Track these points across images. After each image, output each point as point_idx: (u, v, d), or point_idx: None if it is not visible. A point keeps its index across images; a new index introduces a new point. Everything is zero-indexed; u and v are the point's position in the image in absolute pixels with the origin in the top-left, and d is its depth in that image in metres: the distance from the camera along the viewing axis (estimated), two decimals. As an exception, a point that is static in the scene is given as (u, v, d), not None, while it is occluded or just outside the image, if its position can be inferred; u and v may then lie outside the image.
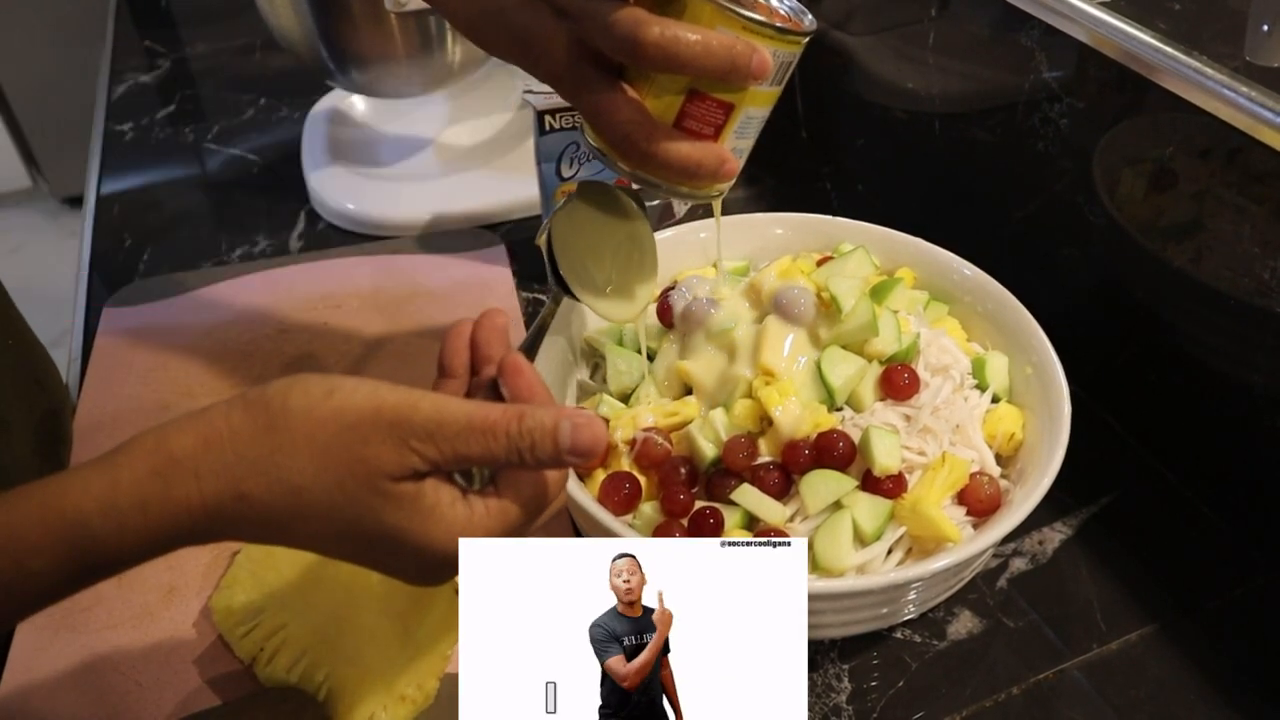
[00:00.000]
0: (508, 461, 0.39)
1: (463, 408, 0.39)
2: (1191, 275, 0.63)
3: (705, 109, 0.48)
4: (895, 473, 0.56)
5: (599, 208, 0.57)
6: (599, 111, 0.48)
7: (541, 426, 0.39)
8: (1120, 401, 0.71)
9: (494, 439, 0.38)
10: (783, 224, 0.74)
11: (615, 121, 0.48)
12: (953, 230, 0.72)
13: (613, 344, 0.67)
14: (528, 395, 0.41)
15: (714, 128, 0.49)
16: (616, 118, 0.48)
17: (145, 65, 1.20)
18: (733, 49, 0.45)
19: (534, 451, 0.39)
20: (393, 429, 0.38)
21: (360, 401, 0.38)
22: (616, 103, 0.48)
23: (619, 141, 0.49)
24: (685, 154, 0.49)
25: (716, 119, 0.49)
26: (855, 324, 0.60)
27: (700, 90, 0.48)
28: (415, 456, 0.38)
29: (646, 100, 0.48)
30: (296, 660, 0.54)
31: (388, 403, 0.38)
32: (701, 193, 0.53)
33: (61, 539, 0.37)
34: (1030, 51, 0.69)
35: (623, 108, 0.48)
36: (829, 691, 0.56)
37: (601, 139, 0.50)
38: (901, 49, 0.84)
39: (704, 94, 0.48)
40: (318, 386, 0.39)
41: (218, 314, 0.80)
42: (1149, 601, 0.60)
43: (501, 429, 0.38)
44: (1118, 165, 0.66)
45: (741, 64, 0.46)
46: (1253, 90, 0.54)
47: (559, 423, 0.39)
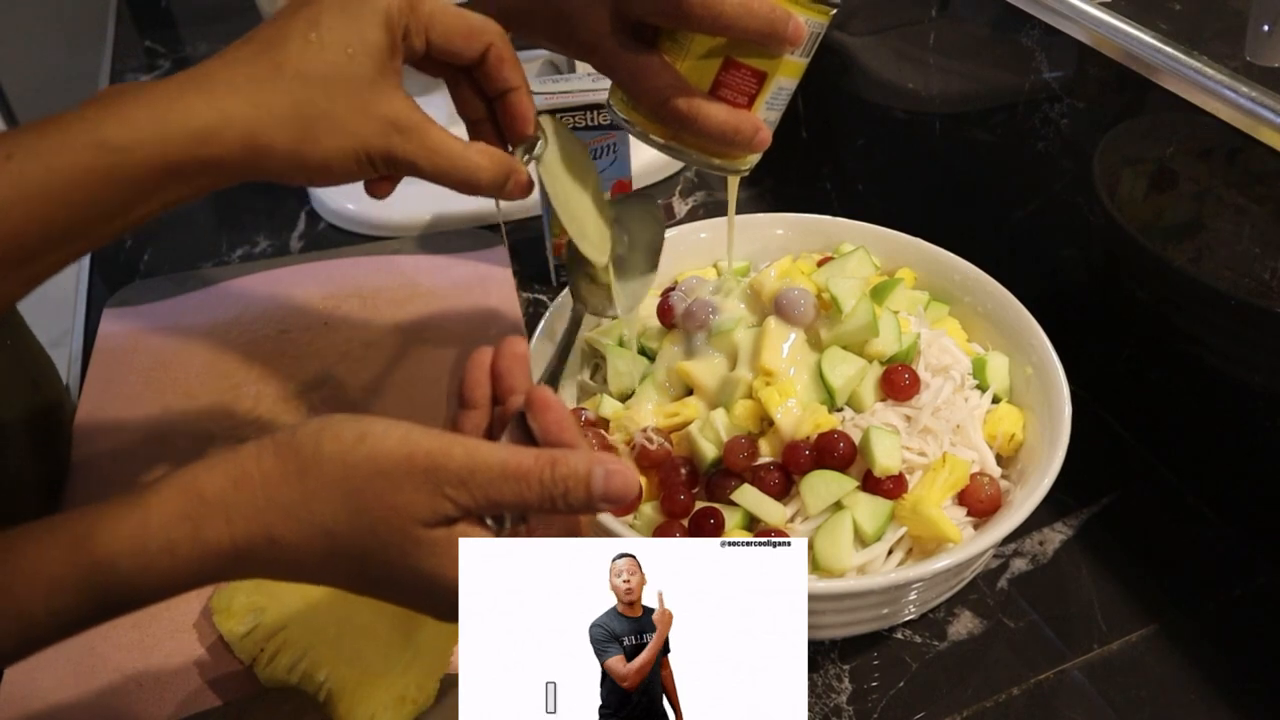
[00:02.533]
0: (540, 508, 0.39)
1: (496, 454, 0.39)
2: (1192, 275, 0.63)
3: (740, 77, 0.49)
4: (896, 473, 0.56)
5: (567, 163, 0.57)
6: (639, 76, 0.49)
7: (575, 474, 0.39)
8: (1120, 401, 0.71)
9: (528, 486, 0.38)
10: (783, 224, 0.74)
11: (656, 86, 0.48)
12: (953, 230, 0.72)
13: (613, 345, 0.67)
14: (557, 432, 0.41)
15: (748, 97, 0.50)
16: (657, 82, 0.48)
17: (145, 65, 1.20)
18: (773, 12, 0.47)
19: (567, 498, 0.39)
20: (427, 476, 0.38)
21: (393, 447, 0.38)
22: (655, 67, 0.49)
23: (658, 106, 0.49)
24: (723, 119, 0.50)
25: (750, 88, 0.50)
26: (856, 324, 0.60)
27: (735, 58, 0.49)
28: (449, 504, 0.38)
29: (682, 68, 0.49)
30: (297, 661, 0.54)
31: (421, 448, 0.38)
32: (732, 165, 0.54)
33: (87, 579, 0.37)
34: (1030, 52, 0.69)
35: (662, 72, 0.49)
36: (829, 692, 0.56)
37: (636, 107, 0.51)
38: (901, 49, 0.84)
39: (738, 62, 0.49)
40: (349, 430, 0.39)
41: (218, 314, 0.80)
42: (1149, 601, 0.60)
43: (535, 476, 0.38)
44: (1118, 165, 0.66)
45: (780, 27, 0.47)
46: (1253, 90, 0.54)
47: (592, 469, 0.39)
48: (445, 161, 0.46)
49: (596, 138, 0.75)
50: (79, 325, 0.82)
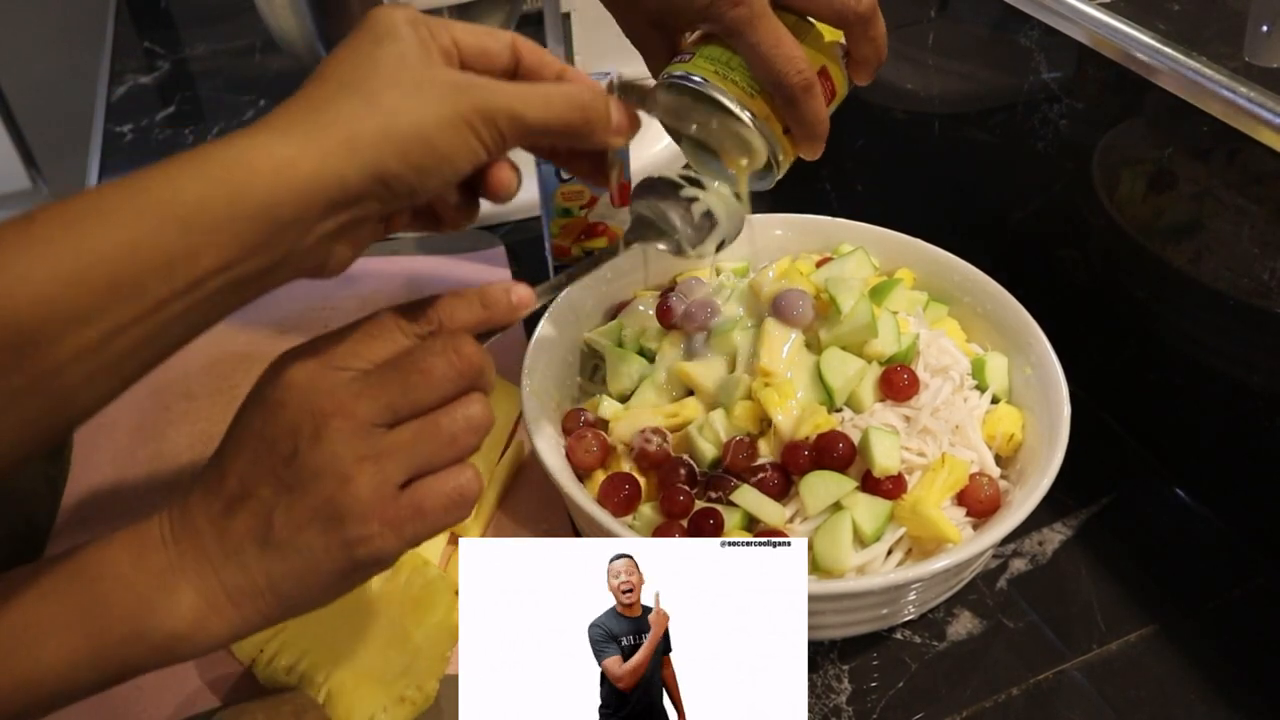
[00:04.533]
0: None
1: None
2: (1191, 276, 0.63)
3: (824, 85, 0.50)
4: (895, 473, 0.56)
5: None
6: (782, 42, 0.47)
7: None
8: (1120, 401, 0.71)
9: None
10: (782, 224, 0.74)
11: (793, 55, 0.47)
12: (953, 230, 0.72)
13: (612, 345, 0.67)
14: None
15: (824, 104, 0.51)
16: (795, 52, 0.47)
17: (145, 66, 1.20)
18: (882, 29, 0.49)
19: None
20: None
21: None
22: (792, 42, 0.48)
23: (787, 75, 0.48)
24: (824, 113, 0.50)
25: (826, 98, 0.50)
26: (854, 325, 0.60)
27: (828, 68, 0.50)
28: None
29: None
30: (296, 662, 0.54)
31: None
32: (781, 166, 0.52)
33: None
34: (1030, 52, 0.69)
35: (797, 47, 0.48)
36: (829, 692, 0.56)
37: (735, 76, 0.49)
38: (901, 49, 0.84)
39: (828, 71, 0.50)
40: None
41: (217, 315, 0.80)
42: (1149, 601, 0.60)
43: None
44: (1117, 166, 0.66)
45: (883, 43, 0.50)
46: (1252, 91, 0.54)
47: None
48: (543, 100, 0.42)
49: (596, 138, 0.75)
50: (79, 326, 0.82)
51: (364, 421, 0.39)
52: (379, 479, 0.39)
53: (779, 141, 0.50)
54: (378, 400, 0.40)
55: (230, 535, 0.39)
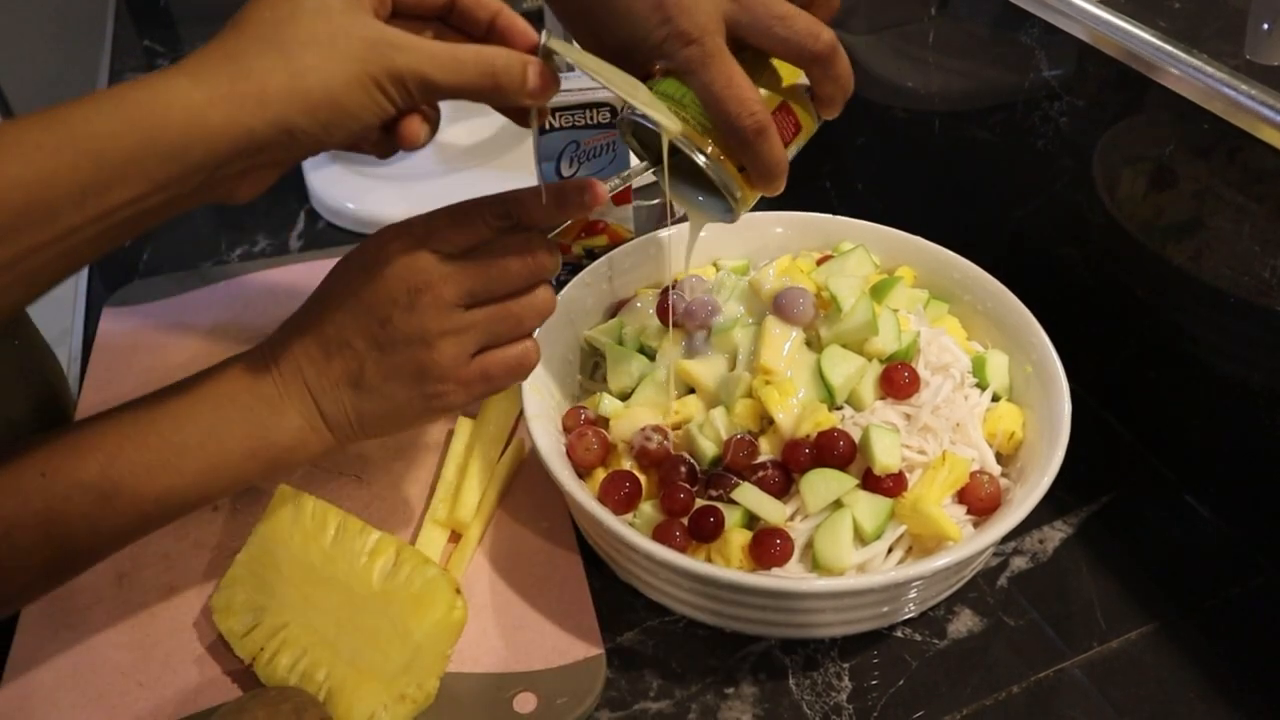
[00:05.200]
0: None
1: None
2: (1192, 274, 0.63)
3: (786, 122, 0.50)
4: (895, 471, 0.56)
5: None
6: (735, 81, 0.47)
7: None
8: (1120, 400, 0.71)
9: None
10: (782, 222, 0.74)
11: (745, 98, 0.47)
12: (953, 229, 0.72)
13: (613, 343, 0.67)
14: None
15: (784, 143, 0.50)
16: (747, 94, 0.47)
17: (145, 65, 1.20)
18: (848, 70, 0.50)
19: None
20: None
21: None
22: (746, 83, 0.48)
23: (740, 115, 0.47)
24: (780, 154, 0.50)
25: (787, 135, 0.51)
26: (855, 323, 0.60)
27: (790, 103, 0.50)
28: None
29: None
30: (297, 660, 0.54)
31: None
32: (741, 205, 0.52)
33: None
34: (1030, 50, 0.69)
35: (750, 89, 0.48)
36: (829, 690, 0.56)
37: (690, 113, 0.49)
38: (901, 48, 0.84)
39: (790, 108, 0.50)
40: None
41: (218, 314, 0.80)
42: (1149, 601, 0.60)
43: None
44: (1118, 164, 0.66)
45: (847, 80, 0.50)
46: (1253, 89, 0.54)
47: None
48: (453, 63, 0.43)
49: (595, 136, 0.75)
50: (79, 324, 0.82)
51: (449, 301, 0.47)
52: (456, 349, 0.48)
53: (732, 179, 0.50)
54: (461, 285, 0.47)
55: (328, 374, 0.49)
